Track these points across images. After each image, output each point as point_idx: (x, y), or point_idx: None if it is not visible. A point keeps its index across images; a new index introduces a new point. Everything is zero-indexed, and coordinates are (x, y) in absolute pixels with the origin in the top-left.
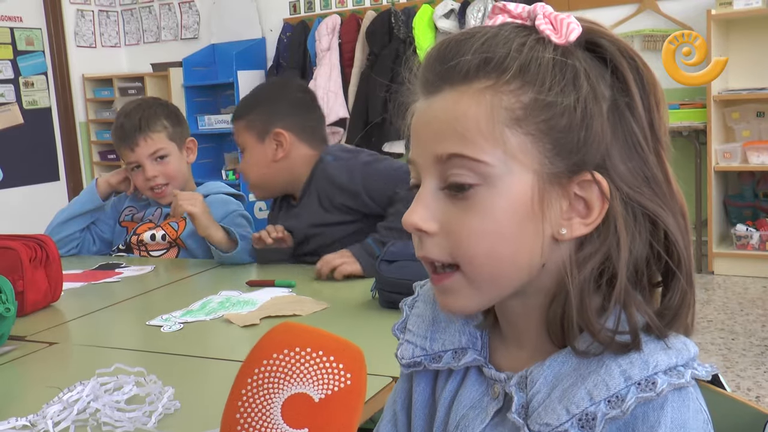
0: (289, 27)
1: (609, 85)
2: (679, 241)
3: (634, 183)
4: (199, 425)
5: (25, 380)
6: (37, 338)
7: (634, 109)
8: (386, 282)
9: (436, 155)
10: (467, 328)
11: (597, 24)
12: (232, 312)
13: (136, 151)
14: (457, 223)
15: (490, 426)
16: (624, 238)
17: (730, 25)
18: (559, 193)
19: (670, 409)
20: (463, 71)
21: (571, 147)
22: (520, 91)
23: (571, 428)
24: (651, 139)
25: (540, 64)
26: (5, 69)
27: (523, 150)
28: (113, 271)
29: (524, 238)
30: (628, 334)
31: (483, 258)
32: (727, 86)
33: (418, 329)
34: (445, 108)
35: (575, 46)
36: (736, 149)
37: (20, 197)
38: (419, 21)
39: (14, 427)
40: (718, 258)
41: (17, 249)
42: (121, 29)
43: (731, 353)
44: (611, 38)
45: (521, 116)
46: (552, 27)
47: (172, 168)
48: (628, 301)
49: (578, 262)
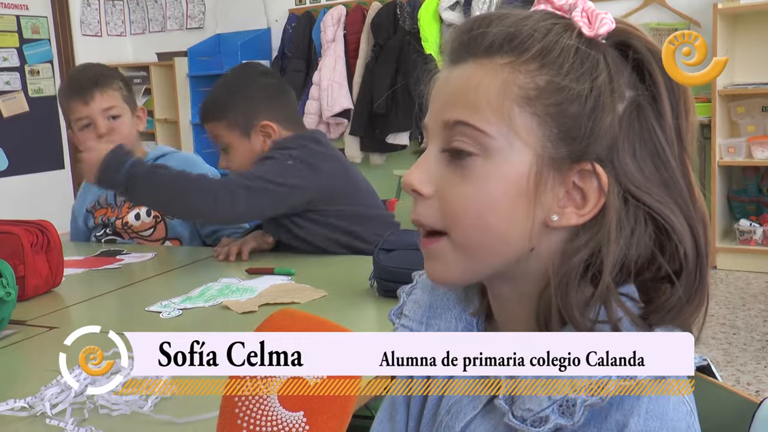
0: (295, 17)
1: (633, 86)
2: (687, 245)
3: (643, 183)
4: (194, 409)
5: (25, 363)
6: (38, 323)
7: (661, 114)
8: (384, 271)
9: (444, 120)
10: (463, 316)
11: (634, 26)
12: (231, 299)
13: (90, 105)
14: (451, 189)
15: (482, 413)
16: (614, 235)
17: (737, 20)
18: (557, 179)
19: (646, 398)
20: (486, 44)
21: (576, 134)
22: (537, 73)
23: (552, 414)
24: (677, 145)
25: (562, 49)
26: (11, 57)
27: (528, 129)
28: (114, 258)
29: (514, 215)
30: (608, 324)
31: (470, 225)
32: (733, 81)
33: (414, 315)
34: (462, 77)
35: (606, 43)
36: (740, 144)
37: (25, 185)
38: (424, 13)
39: (12, 408)
40: (721, 253)
41: (19, 234)
42: (126, 18)
43: (732, 348)
44: (645, 41)
45: (533, 96)
46: (587, 20)
47: (124, 128)
48: (608, 298)
49: (566, 252)
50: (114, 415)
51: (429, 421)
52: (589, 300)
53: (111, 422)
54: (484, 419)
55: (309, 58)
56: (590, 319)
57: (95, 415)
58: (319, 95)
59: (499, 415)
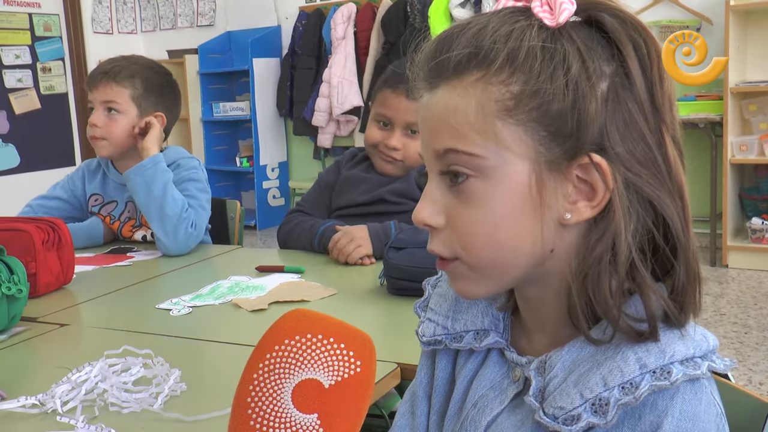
0: (305, 15)
1: (610, 61)
2: (677, 227)
3: (631, 165)
4: (204, 407)
5: (36, 360)
6: (49, 319)
7: (633, 84)
8: (394, 269)
9: (435, 150)
10: (490, 310)
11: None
12: (240, 297)
13: (93, 92)
14: (459, 216)
15: (509, 408)
16: (623, 222)
17: (749, 17)
18: (560, 178)
19: (680, 399)
20: (453, 66)
21: (565, 132)
22: (509, 81)
23: (584, 412)
24: (652, 115)
25: (527, 51)
26: (23, 54)
27: (516, 140)
28: (125, 255)
29: (524, 225)
30: (645, 323)
31: (481, 248)
32: (745, 78)
33: (440, 308)
34: (439, 103)
35: (573, 23)
36: (752, 142)
37: (36, 181)
38: (435, 10)
39: (24, 405)
40: (733, 251)
41: (30, 231)
42: (137, 16)
43: (744, 347)
44: (613, 11)
45: (511, 106)
46: (548, 8)
47: (117, 127)
48: (644, 288)
49: (586, 246)
50: (124, 412)
51: (454, 414)
52: (624, 292)
53: (121, 419)
54: (511, 414)
55: (319, 56)
56: (627, 314)
57: (105, 412)
58: (329, 92)
59: (528, 411)
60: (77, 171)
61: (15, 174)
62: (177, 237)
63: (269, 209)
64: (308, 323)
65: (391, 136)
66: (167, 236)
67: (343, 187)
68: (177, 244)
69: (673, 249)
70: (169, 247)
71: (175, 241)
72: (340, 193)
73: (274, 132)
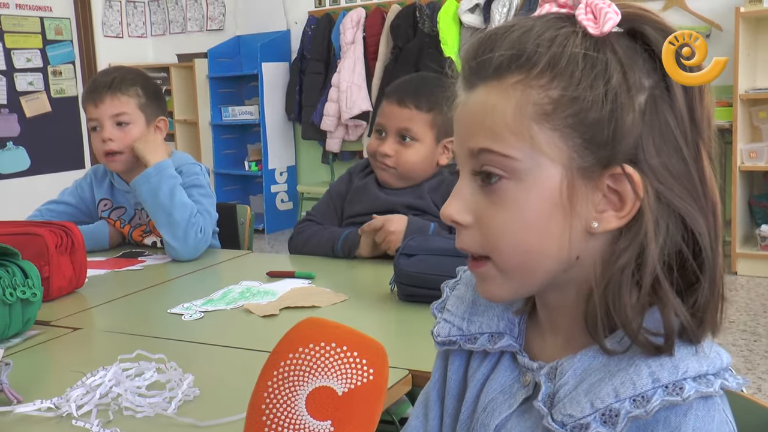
0: (314, 19)
1: (650, 73)
2: (705, 243)
3: (664, 178)
4: (217, 412)
5: (50, 364)
6: (62, 323)
7: (673, 98)
8: (405, 275)
9: (469, 149)
10: (506, 314)
11: (643, 9)
12: (252, 302)
13: (99, 108)
14: (488, 216)
15: (517, 412)
16: (651, 234)
17: (759, 23)
18: (591, 186)
19: (693, 417)
20: (494, 67)
21: (600, 141)
22: (549, 86)
23: (594, 422)
24: (690, 131)
25: (569, 57)
26: (34, 58)
27: (551, 145)
28: (136, 260)
29: (553, 230)
30: (662, 336)
31: (511, 250)
32: (755, 85)
33: (456, 310)
34: (477, 103)
35: (616, 34)
36: (762, 149)
37: (47, 184)
38: (444, 15)
39: (39, 408)
40: (742, 259)
41: (44, 236)
42: (147, 20)
43: (753, 355)
44: (656, 23)
45: (549, 111)
46: (592, 16)
47: (131, 138)
48: (666, 302)
49: (611, 255)
50: (138, 416)
51: (467, 418)
52: (643, 305)
53: (135, 424)
54: (520, 419)
55: (328, 61)
56: (645, 328)
57: (120, 416)
58: (338, 97)
59: (537, 417)
60: (85, 177)
61: (25, 177)
62: (187, 241)
63: (277, 213)
64: (322, 332)
65: (384, 143)
66: (177, 241)
67: (355, 196)
68: (187, 249)
69: (701, 264)
70: (180, 251)
71: (186, 246)
72: (352, 202)
73: (282, 136)
